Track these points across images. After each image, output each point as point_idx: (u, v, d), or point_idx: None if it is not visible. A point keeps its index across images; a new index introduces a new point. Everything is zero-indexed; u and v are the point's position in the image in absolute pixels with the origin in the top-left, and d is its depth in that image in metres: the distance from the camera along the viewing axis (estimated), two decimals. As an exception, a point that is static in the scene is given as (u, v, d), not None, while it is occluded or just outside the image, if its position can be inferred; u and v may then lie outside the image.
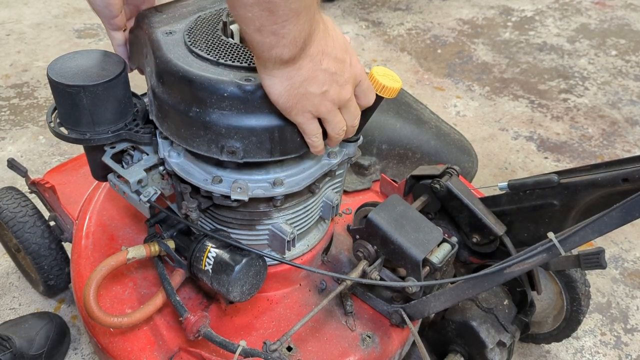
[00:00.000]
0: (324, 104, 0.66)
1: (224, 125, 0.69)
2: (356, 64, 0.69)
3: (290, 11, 0.54)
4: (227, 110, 0.68)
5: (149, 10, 0.85)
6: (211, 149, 0.72)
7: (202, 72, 0.69)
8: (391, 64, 2.39)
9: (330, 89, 0.65)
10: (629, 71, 2.38)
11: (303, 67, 0.62)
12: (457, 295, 0.83)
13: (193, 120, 0.70)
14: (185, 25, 0.80)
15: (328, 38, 0.64)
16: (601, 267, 0.79)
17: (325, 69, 0.64)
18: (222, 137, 0.70)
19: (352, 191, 1.18)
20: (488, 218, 0.94)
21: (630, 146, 1.92)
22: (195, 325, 0.77)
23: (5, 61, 2.26)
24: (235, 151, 0.70)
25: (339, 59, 0.65)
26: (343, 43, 0.67)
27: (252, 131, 0.69)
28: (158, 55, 0.73)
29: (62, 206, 1.12)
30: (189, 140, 0.73)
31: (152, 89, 0.76)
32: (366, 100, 0.73)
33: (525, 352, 1.23)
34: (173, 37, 0.77)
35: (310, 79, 0.63)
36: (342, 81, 0.67)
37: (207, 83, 0.68)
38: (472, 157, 1.32)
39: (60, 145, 1.80)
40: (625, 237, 1.55)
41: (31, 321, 1.13)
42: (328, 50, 0.63)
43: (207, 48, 0.75)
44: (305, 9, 0.55)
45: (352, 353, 0.85)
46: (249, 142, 0.70)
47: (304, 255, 0.91)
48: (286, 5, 0.53)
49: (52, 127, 0.80)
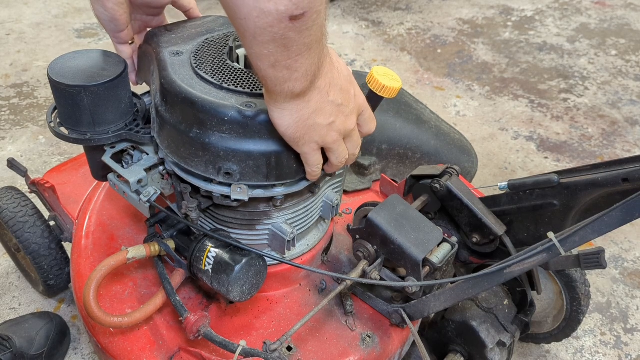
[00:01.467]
0: (331, 134, 0.68)
1: (222, 147, 0.71)
2: (359, 95, 0.71)
3: (303, 46, 0.55)
4: (227, 133, 0.70)
5: (158, 29, 0.87)
6: (208, 170, 0.73)
7: (205, 95, 0.71)
8: (391, 64, 2.39)
9: (337, 119, 0.67)
10: (629, 71, 2.38)
11: (312, 99, 0.63)
12: (457, 295, 0.83)
13: (193, 140, 0.72)
14: (193, 47, 0.82)
15: (334, 70, 0.65)
16: (601, 267, 0.79)
17: (332, 100, 0.65)
18: (220, 159, 0.72)
19: (352, 191, 1.18)
20: (488, 218, 0.94)
21: (630, 146, 1.92)
22: (195, 325, 0.77)
23: (5, 61, 2.26)
24: (232, 173, 0.72)
25: (344, 90, 0.67)
26: (347, 74, 0.68)
27: (250, 155, 0.71)
28: (164, 75, 0.75)
29: (62, 206, 1.12)
30: (187, 160, 0.75)
31: (156, 107, 0.77)
32: (367, 128, 0.75)
33: (525, 352, 1.23)
34: (180, 58, 0.79)
35: (318, 111, 0.64)
36: (348, 112, 0.68)
37: (209, 106, 0.70)
38: (472, 157, 1.32)
39: (60, 145, 1.80)
40: (625, 237, 1.55)
41: (31, 321, 1.13)
42: (334, 82, 0.65)
43: (211, 71, 0.77)
44: (316, 42, 0.57)
45: (352, 353, 0.85)
46: (245, 166, 0.72)
47: (304, 255, 0.91)
48: (300, 39, 0.54)
49: (52, 127, 0.80)
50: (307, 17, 0.52)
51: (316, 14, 0.53)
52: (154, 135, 0.80)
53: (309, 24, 0.53)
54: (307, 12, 0.52)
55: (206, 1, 2.85)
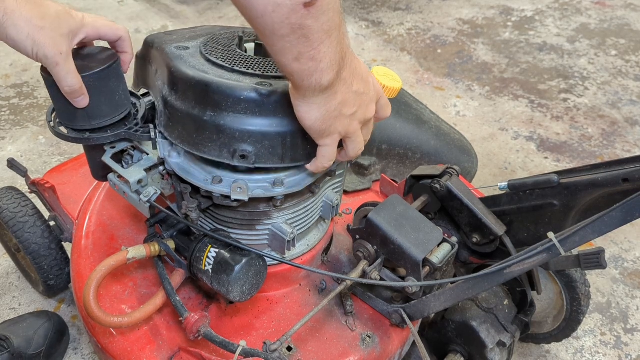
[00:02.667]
0: (353, 124, 0.68)
1: (237, 128, 0.70)
2: (376, 82, 0.72)
3: (323, 33, 0.55)
4: (242, 113, 0.70)
5: (156, 34, 0.88)
6: (222, 154, 0.73)
7: (218, 77, 0.71)
8: (391, 64, 2.39)
9: (359, 109, 0.68)
10: (629, 71, 2.38)
11: (339, 91, 0.63)
12: (457, 295, 0.82)
13: (207, 124, 0.71)
14: (200, 41, 0.83)
15: (355, 60, 0.66)
16: (601, 267, 0.79)
17: (356, 90, 0.66)
18: (235, 140, 0.71)
19: (352, 191, 1.18)
20: (488, 218, 0.94)
21: (630, 146, 1.92)
22: (195, 325, 0.77)
23: (5, 61, 2.26)
24: (247, 155, 0.71)
25: (365, 80, 0.67)
26: (363, 63, 0.69)
27: (265, 135, 0.71)
28: (173, 65, 0.75)
29: (62, 206, 1.11)
30: (200, 146, 0.74)
31: (164, 98, 0.77)
32: (384, 114, 0.75)
33: (525, 352, 1.23)
34: (188, 51, 0.79)
35: (343, 102, 0.65)
36: (368, 100, 0.69)
37: (225, 86, 0.70)
38: (472, 157, 1.32)
39: (60, 145, 1.80)
40: (625, 237, 1.55)
41: (29, 320, 1.13)
42: (356, 72, 0.65)
43: (223, 57, 0.77)
44: (335, 29, 0.57)
45: (352, 353, 0.85)
46: (261, 147, 0.72)
47: (304, 255, 0.91)
48: (318, 26, 0.54)
49: (52, 127, 0.80)
50: (321, 1, 0.53)
51: None
52: (161, 130, 0.80)
53: (324, 8, 0.53)
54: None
55: (206, 1, 2.85)
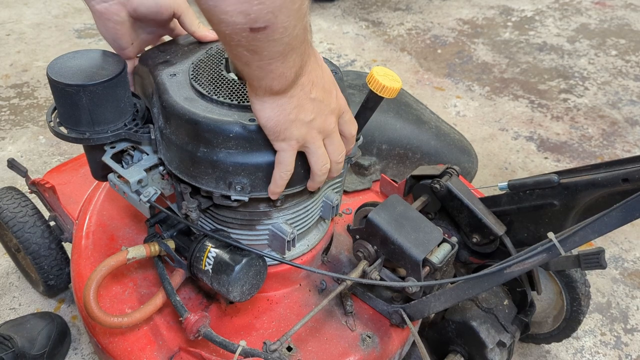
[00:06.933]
0: (311, 132, 0.68)
1: (231, 163, 0.72)
2: (341, 97, 0.72)
3: (275, 53, 0.56)
4: (234, 149, 0.71)
5: (151, 50, 0.88)
6: (219, 186, 0.74)
7: (207, 113, 0.72)
8: (391, 64, 2.39)
9: (317, 117, 0.67)
10: (629, 71, 2.38)
11: (294, 95, 0.64)
12: (457, 295, 0.82)
13: (201, 159, 0.73)
14: (188, 64, 0.83)
15: (318, 69, 0.66)
16: (601, 267, 0.79)
17: (314, 98, 0.66)
18: (229, 174, 0.73)
19: (352, 191, 1.18)
20: (488, 218, 0.94)
21: (630, 146, 1.92)
22: (195, 325, 0.77)
23: (5, 61, 2.26)
24: (243, 187, 0.73)
25: (326, 90, 0.68)
26: (330, 75, 0.70)
27: (258, 167, 0.72)
28: (164, 98, 0.76)
29: (62, 206, 1.11)
30: (198, 178, 0.75)
31: (160, 129, 0.78)
32: (348, 130, 0.75)
33: (525, 352, 1.23)
34: (177, 79, 0.79)
35: (299, 107, 0.65)
36: (328, 111, 0.69)
37: (213, 124, 0.70)
38: (472, 157, 1.32)
39: (60, 145, 1.80)
40: (625, 237, 1.55)
41: (33, 321, 1.13)
42: (317, 81, 0.66)
43: (210, 87, 0.77)
44: (291, 51, 0.57)
45: (352, 353, 0.85)
46: (255, 178, 0.73)
47: (304, 256, 0.91)
48: (270, 48, 0.55)
49: (52, 127, 0.80)
50: (272, 30, 0.53)
51: (283, 29, 0.53)
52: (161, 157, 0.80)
53: (276, 36, 0.54)
54: (269, 26, 0.52)
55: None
